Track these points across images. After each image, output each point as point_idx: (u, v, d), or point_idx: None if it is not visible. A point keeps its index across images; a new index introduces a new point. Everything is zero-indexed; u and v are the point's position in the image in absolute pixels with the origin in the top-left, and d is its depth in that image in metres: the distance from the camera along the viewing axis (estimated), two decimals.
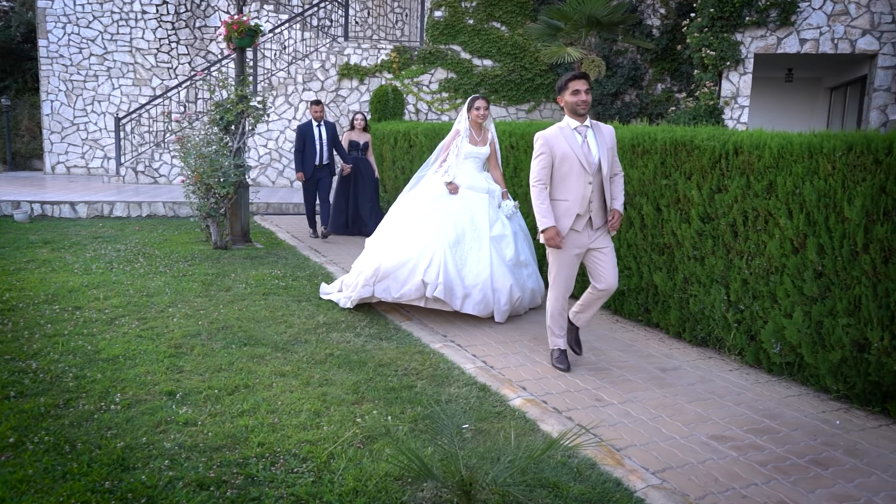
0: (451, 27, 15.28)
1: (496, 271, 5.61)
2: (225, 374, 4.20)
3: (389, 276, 5.49)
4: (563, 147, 4.28)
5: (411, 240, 5.66)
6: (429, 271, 5.45)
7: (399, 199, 6.30)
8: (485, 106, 5.97)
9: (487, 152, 6.10)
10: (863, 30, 11.12)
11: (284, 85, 14.71)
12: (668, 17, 14.66)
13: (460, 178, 5.97)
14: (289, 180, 14.89)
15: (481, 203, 5.89)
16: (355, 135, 10.02)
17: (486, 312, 5.55)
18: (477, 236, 5.72)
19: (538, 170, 4.35)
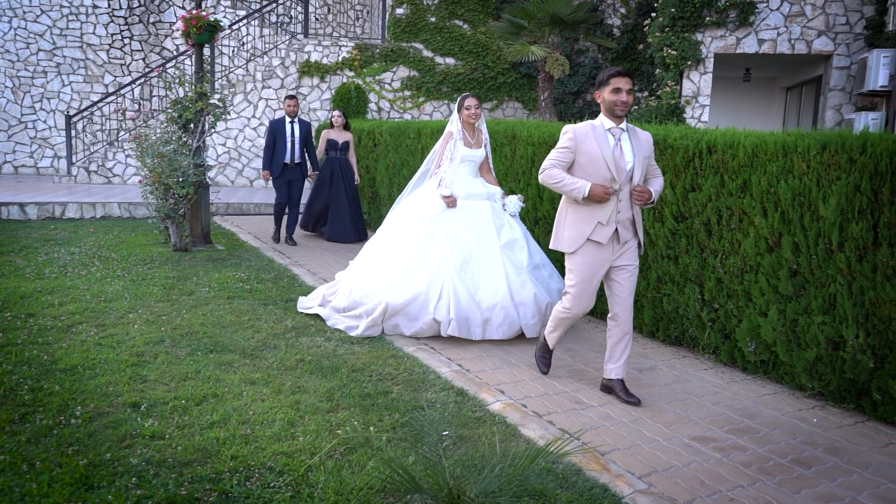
0: (412, 25, 15.15)
1: (514, 283, 5.13)
2: (192, 382, 4.03)
3: (399, 313, 5.05)
4: (592, 147, 3.85)
5: (416, 269, 5.17)
6: (439, 307, 4.98)
7: (393, 215, 5.74)
8: (475, 104, 5.51)
9: (482, 155, 5.63)
10: (818, 31, 11.35)
11: (243, 82, 14.40)
12: (629, 17, 14.79)
13: (457, 188, 5.45)
14: (248, 180, 14.59)
15: (483, 212, 5.41)
16: (334, 133, 9.44)
17: (514, 332, 5.04)
18: (485, 250, 5.23)
19: (553, 158, 3.93)
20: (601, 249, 3.93)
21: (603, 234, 3.90)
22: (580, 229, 3.93)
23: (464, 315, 4.94)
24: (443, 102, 15.41)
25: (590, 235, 3.91)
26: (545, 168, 3.93)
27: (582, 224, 3.92)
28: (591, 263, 3.95)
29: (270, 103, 14.52)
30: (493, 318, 4.98)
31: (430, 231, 5.29)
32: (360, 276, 5.42)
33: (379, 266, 5.38)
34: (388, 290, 5.14)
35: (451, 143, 5.48)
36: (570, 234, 3.97)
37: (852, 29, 11.27)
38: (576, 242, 3.95)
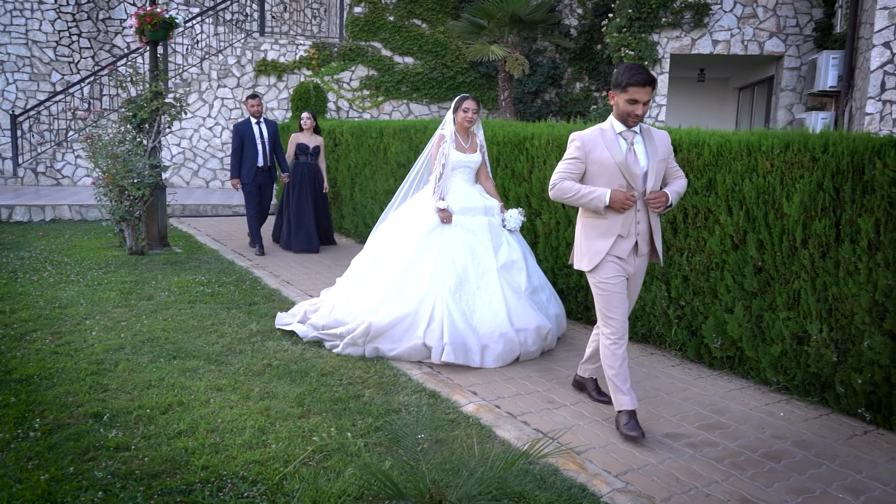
0: (371, 24, 15.04)
1: (514, 309, 4.70)
2: (155, 390, 3.90)
3: (382, 335, 4.61)
4: (602, 154, 3.51)
5: (405, 288, 4.73)
6: (430, 331, 4.53)
7: (382, 227, 5.28)
8: (474, 107, 5.00)
9: (478, 160, 5.13)
10: (770, 32, 11.63)
11: (198, 81, 14.10)
12: (586, 17, 14.93)
13: (451, 199, 4.96)
14: (204, 181, 14.29)
15: (480, 229, 4.94)
16: (304, 137, 8.75)
17: (512, 359, 4.66)
18: (481, 272, 4.80)
19: (562, 171, 3.58)
20: (622, 263, 3.62)
21: (623, 247, 3.60)
22: (599, 245, 3.61)
23: (460, 340, 4.51)
24: (402, 102, 15.35)
25: (610, 250, 3.58)
26: (555, 182, 3.58)
27: (600, 239, 3.60)
28: (615, 275, 3.62)
29: (226, 102, 14.26)
30: (493, 346, 4.57)
31: (421, 247, 4.83)
32: (345, 293, 5.01)
33: (365, 283, 4.97)
34: (374, 309, 4.71)
35: (443, 146, 5.01)
36: (589, 251, 3.64)
37: (802, 31, 11.58)
38: (595, 259, 3.61)
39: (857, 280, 3.73)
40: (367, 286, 4.93)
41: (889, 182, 3.56)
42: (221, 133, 14.24)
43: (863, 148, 3.69)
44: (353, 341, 4.64)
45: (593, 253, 3.62)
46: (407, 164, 7.84)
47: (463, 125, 5.05)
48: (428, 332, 4.55)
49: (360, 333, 4.61)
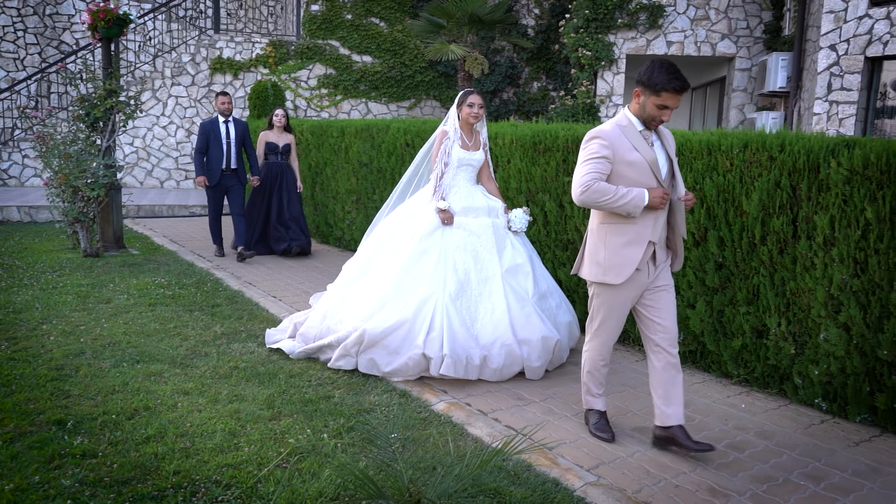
0: (328, 22, 14.93)
1: (517, 317, 4.35)
2: (120, 396, 3.82)
3: (377, 344, 4.22)
4: (631, 153, 3.20)
5: (402, 293, 4.36)
6: (430, 340, 4.18)
7: (377, 228, 4.94)
8: (480, 102, 4.67)
9: (482, 159, 4.80)
10: (722, 34, 11.92)
11: (151, 79, 13.80)
12: (543, 18, 15.08)
13: (453, 199, 4.65)
14: (159, 181, 13.99)
15: (484, 231, 4.60)
16: (273, 135, 8.30)
17: (513, 374, 4.32)
18: (484, 277, 4.46)
19: (591, 171, 3.18)
20: (637, 275, 3.31)
21: (646, 256, 3.30)
22: (629, 254, 3.25)
23: (461, 351, 4.16)
24: (360, 101, 15.28)
25: (641, 261, 3.27)
26: (587, 184, 3.16)
27: (630, 247, 3.25)
28: (629, 294, 3.34)
29: (181, 101, 13.99)
30: (493, 357, 4.23)
31: (421, 249, 4.49)
32: (336, 299, 4.65)
33: (358, 287, 4.61)
34: (367, 315, 4.34)
35: (445, 144, 4.68)
36: (617, 261, 3.26)
37: (752, 33, 11.91)
38: (625, 271, 3.26)
39: (813, 275, 3.86)
40: (360, 291, 4.57)
41: (843, 180, 3.70)
42: (176, 132, 13.97)
43: (818, 147, 3.82)
44: (345, 351, 4.28)
45: (623, 264, 3.24)
46: (369, 163, 7.83)
47: (468, 121, 4.72)
48: (428, 341, 4.18)
49: (353, 342, 4.25)
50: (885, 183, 3.55)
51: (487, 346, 4.24)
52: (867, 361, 3.70)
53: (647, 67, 3.18)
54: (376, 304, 4.37)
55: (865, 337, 3.68)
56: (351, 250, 8.50)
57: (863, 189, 3.63)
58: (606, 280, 3.31)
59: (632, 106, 3.29)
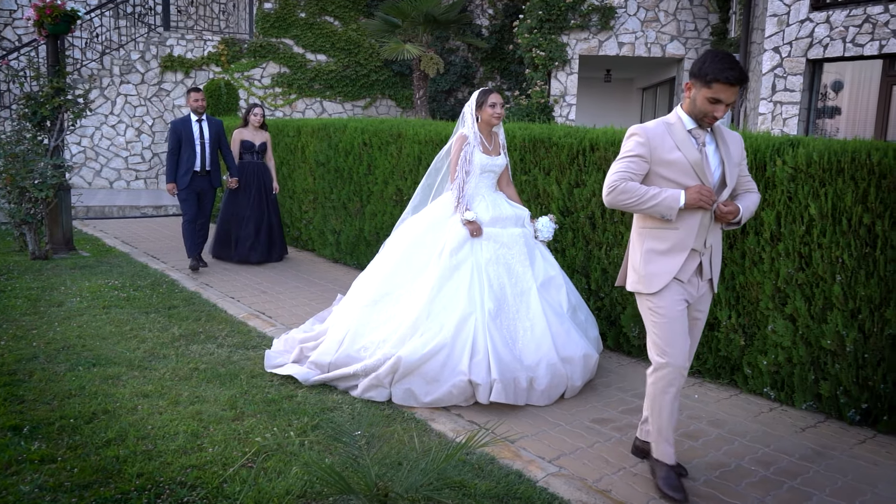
0: (282, 20, 14.80)
1: (558, 334, 4.06)
2: (77, 399, 3.76)
3: (413, 373, 3.83)
4: (672, 153, 2.89)
5: (436, 313, 3.97)
6: (475, 365, 3.81)
7: (395, 241, 4.48)
8: (502, 102, 4.35)
9: (503, 164, 4.45)
10: (671, 36, 12.22)
11: (99, 77, 13.47)
12: (496, 18, 15.22)
13: (480, 210, 4.29)
14: (108, 181, 13.66)
15: (515, 242, 4.29)
16: (249, 133, 7.75)
17: (558, 396, 4.03)
18: (519, 291, 4.15)
19: (621, 170, 2.89)
20: (685, 287, 3.00)
21: (688, 267, 2.98)
22: (665, 263, 2.95)
23: (510, 375, 3.82)
24: (315, 100, 15.18)
25: (679, 271, 2.95)
26: (614, 184, 2.88)
27: (668, 256, 2.95)
28: (680, 299, 2.98)
29: (130, 99, 13.69)
30: (539, 378, 3.91)
31: (452, 265, 4.10)
32: (355, 323, 4.18)
33: (381, 310, 4.18)
34: (398, 341, 3.94)
35: (465, 150, 4.30)
36: (651, 270, 2.97)
37: (700, 35, 12.24)
38: (659, 281, 2.95)
39: (761, 269, 4.02)
40: (386, 313, 4.14)
41: (788, 178, 3.86)
42: (125, 131, 13.67)
43: (765, 146, 3.98)
44: (377, 381, 3.88)
45: (657, 273, 2.96)
46: (326, 162, 7.80)
47: (490, 122, 4.35)
48: (473, 365, 3.82)
49: (387, 371, 3.84)
50: (827, 180, 3.73)
51: (532, 367, 3.92)
52: (812, 351, 3.87)
53: (700, 58, 2.87)
54: (408, 328, 3.96)
55: (810, 328, 3.85)
56: (308, 250, 8.47)
57: (806, 186, 3.80)
58: (642, 289, 3.00)
59: (684, 102, 2.98)
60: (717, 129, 3.00)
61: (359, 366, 3.96)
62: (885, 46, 8.77)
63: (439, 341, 3.86)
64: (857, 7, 8.99)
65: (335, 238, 7.80)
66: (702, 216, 2.92)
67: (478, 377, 3.79)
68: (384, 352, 3.92)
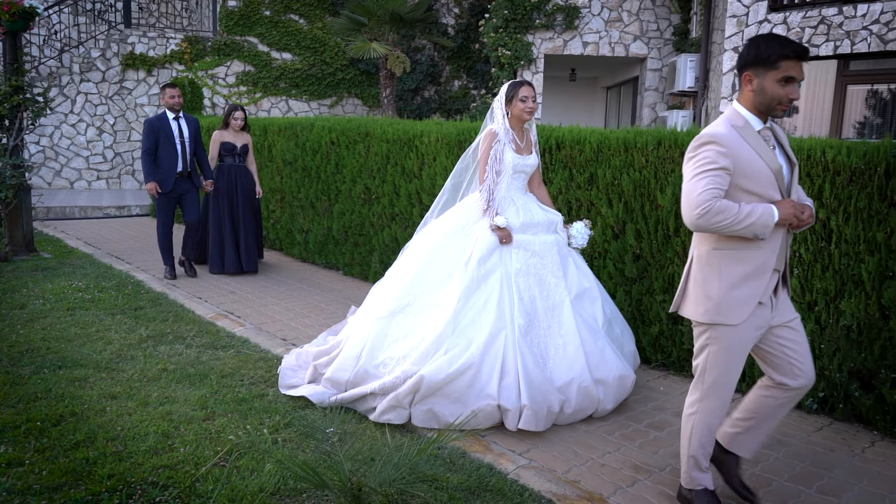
0: (246, 18, 14.66)
1: (591, 353, 3.74)
2: (43, 402, 3.71)
3: (437, 392, 3.51)
4: (754, 162, 2.54)
5: (462, 328, 3.65)
6: (505, 388, 3.50)
7: (416, 247, 4.11)
8: (534, 95, 4.01)
9: (535, 163, 4.11)
10: (634, 35, 12.41)
11: (58, 75, 13.20)
12: (462, 17, 15.28)
13: (510, 214, 3.94)
14: (68, 181, 13.40)
15: (547, 251, 3.95)
16: (230, 135, 7.29)
17: (585, 416, 3.73)
18: (551, 305, 3.82)
19: (709, 188, 2.50)
20: (761, 310, 2.67)
21: (770, 287, 2.67)
22: (749, 288, 2.62)
23: (540, 398, 3.50)
24: (281, 98, 15.07)
25: (763, 294, 2.64)
26: (706, 204, 2.48)
27: (751, 280, 2.62)
28: (756, 332, 2.69)
29: (91, 98, 13.44)
30: (569, 401, 3.62)
31: (479, 276, 3.76)
32: (373, 337, 3.82)
33: (401, 322, 3.81)
34: (421, 358, 3.60)
35: (496, 147, 3.94)
36: (733, 297, 2.62)
37: (663, 35, 12.45)
38: (745, 308, 2.62)
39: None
40: (406, 326, 3.79)
41: None
42: (86, 130, 13.42)
43: None
44: (396, 402, 3.54)
45: (741, 300, 2.62)
46: (294, 161, 7.78)
47: (522, 118, 4.02)
48: (502, 388, 3.51)
49: (407, 391, 3.52)
50: None
51: (563, 389, 3.63)
52: None
53: (750, 45, 2.58)
54: (432, 344, 3.61)
55: None
56: (275, 249, 8.43)
57: None
58: (722, 320, 2.63)
59: (742, 98, 2.63)
60: (774, 126, 2.71)
61: (377, 384, 3.62)
62: (840, 47, 9.04)
63: (467, 360, 3.53)
64: (813, 9, 9.24)
65: (303, 237, 7.78)
66: (784, 232, 2.64)
67: (507, 402, 3.47)
68: (404, 369, 3.59)
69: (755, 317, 2.65)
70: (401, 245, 6.35)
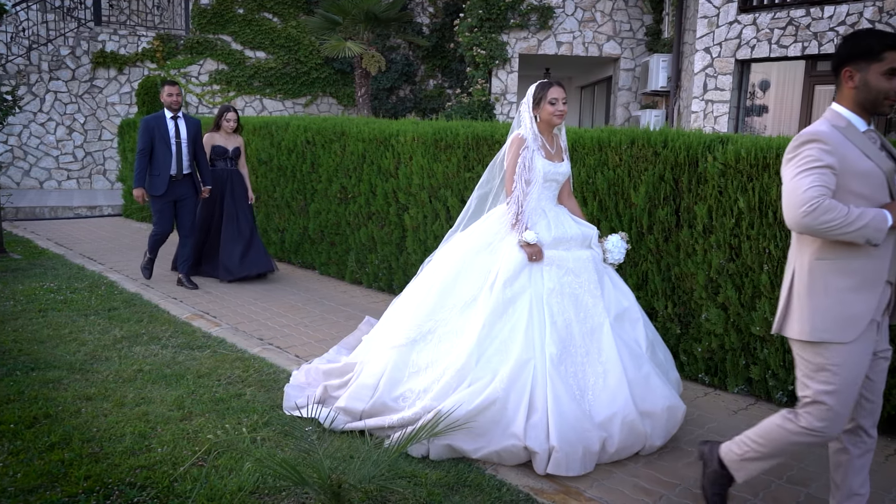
0: (219, 16, 14.54)
1: (635, 382, 3.36)
2: (16, 405, 3.66)
3: (458, 428, 3.18)
4: (860, 162, 2.35)
5: (486, 358, 3.32)
6: (532, 427, 3.16)
7: (437, 265, 3.74)
8: (564, 97, 3.60)
9: (568, 171, 3.72)
10: (608, 36, 12.54)
11: (26, 73, 12.98)
12: (437, 17, 15.31)
13: (541, 228, 3.56)
14: (38, 181, 13.18)
15: (583, 268, 3.56)
16: (221, 138, 6.92)
17: (631, 454, 3.34)
18: (589, 329, 3.44)
19: (815, 185, 2.29)
20: (872, 329, 2.43)
21: (883, 302, 2.44)
22: (860, 301, 2.38)
23: (575, 438, 3.13)
24: (255, 97, 14.97)
25: (876, 310, 2.41)
26: (814, 201, 2.26)
27: (861, 291, 2.38)
28: (864, 354, 2.42)
29: (60, 97, 13.23)
30: (612, 438, 3.23)
31: (506, 298, 3.41)
32: (391, 366, 3.52)
33: (423, 349, 3.52)
34: (442, 392, 3.30)
35: (524, 154, 3.56)
36: (848, 312, 2.38)
37: (636, 35, 12.59)
38: (858, 324, 2.38)
39: (694, 260, 4.22)
40: (426, 356, 3.50)
41: (719, 173, 4.06)
42: (56, 129, 13.22)
43: (696, 143, 4.18)
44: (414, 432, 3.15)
45: (855, 316, 2.38)
46: (269, 161, 7.74)
47: (551, 122, 3.62)
48: (529, 427, 3.17)
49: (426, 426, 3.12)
50: (755, 175, 3.93)
51: (605, 425, 3.24)
52: (742, 337, 4.08)
53: (848, 40, 2.41)
54: (454, 377, 3.31)
55: (741, 315, 4.06)
56: None
57: (735, 181, 4.00)
58: (831, 338, 2.38)
59: (842, 97, 2.44)
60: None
61: (395, 417, 3.35)
62: (807, 48, 9.22)
63: (490, 394, 3.21)
64: (782, 10, 9.42)
65: (279, 237, 7.75)
66: (894, 240, 2.39)
67: (535, 443, 3.13)
68: (424, 404, 3.30)
69: (869, 337, 2.41)
70: (377, 244, 6.37)
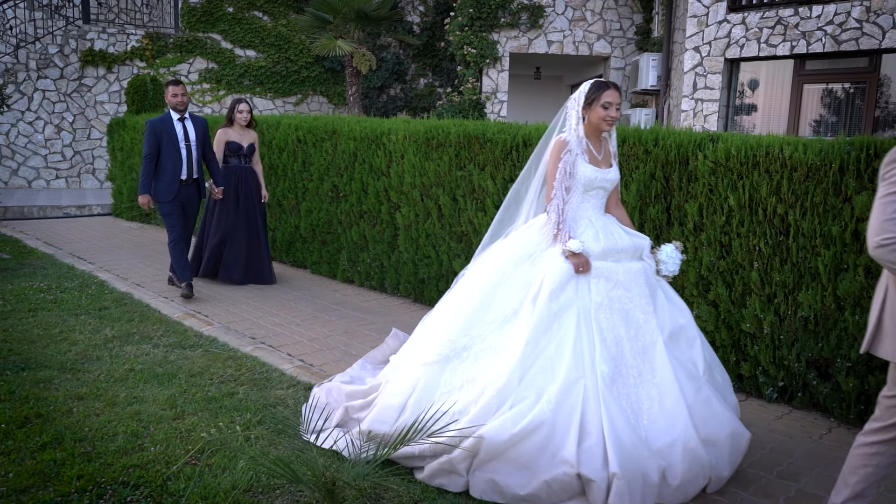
0: (209, 14, 14.48)
1: (695, 406, 3.04)
2: (7, 405, 3.65)
3: (500, 456, 2.87)
4: None
5: (530, 378, 2.99)
6: (586, 452, 2.82)
7: (474, 276, 3.40)
8: (618, 101, 3.28)
9: (616, 178, 3.41)
10: (598, 35, 12.58)
11: (14, 72, 12.89)
12: (428, 15, 15.30)
13: (587, 238, 3.23)
14: (26, 180, 13.10)
15: (634, 281, 3.24)
16: (235, 133, 6.64)
17: (698, 490, 2.98)
18: (641, 347, 3.12)
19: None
20: None
21: None
22: None
23: (633, 465, 2.79)
24: (245, 96, 14.92)
25: None
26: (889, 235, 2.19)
27: None
28: None
29: (49, 95, 13.15)
30: (673, 468, 2.89)
31: (552, 313, 3.09)
32: (421, 386, 3.19)
33: (457, 367, 3.18)
34: (481, 414, 2.96)
35: (566, 158, 3.25)
36: None
37: (626, 34, 12.64)
38: None
39: (685, 258, 4.24)
40: (463, 374, 3.16)
41: (709, 171, 4.09)
42: (44, 128, 13.13)
43: (687, 142, 4.20)
44: (449, 466, 2.95)
45: None
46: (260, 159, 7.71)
47: (600, 127, 3.30)
48: (582, 452, 2.83)
49: (463, 455, 2.90)
50: (745, 173, 3.96)
51: (664, 453, 2.91)
52: (733, 334, 4.12)
53: None
54: (494, 398, 2.96)
55: (731, 312, 4.09)
56: None
57: (726, 179, 4.03)
58: None
59: None
60: None
61: (427, 446, 2.97)
62: (796, 47, 9.29)
63: (536, 416, 2.87)
64: (770, 9, 9.48)
65: (270, 236, 7.74)
66: None
67: (590, 470, 2.78)
68: (462, 427, 2.92)
69: None
70: (369, 242, 6.37)
